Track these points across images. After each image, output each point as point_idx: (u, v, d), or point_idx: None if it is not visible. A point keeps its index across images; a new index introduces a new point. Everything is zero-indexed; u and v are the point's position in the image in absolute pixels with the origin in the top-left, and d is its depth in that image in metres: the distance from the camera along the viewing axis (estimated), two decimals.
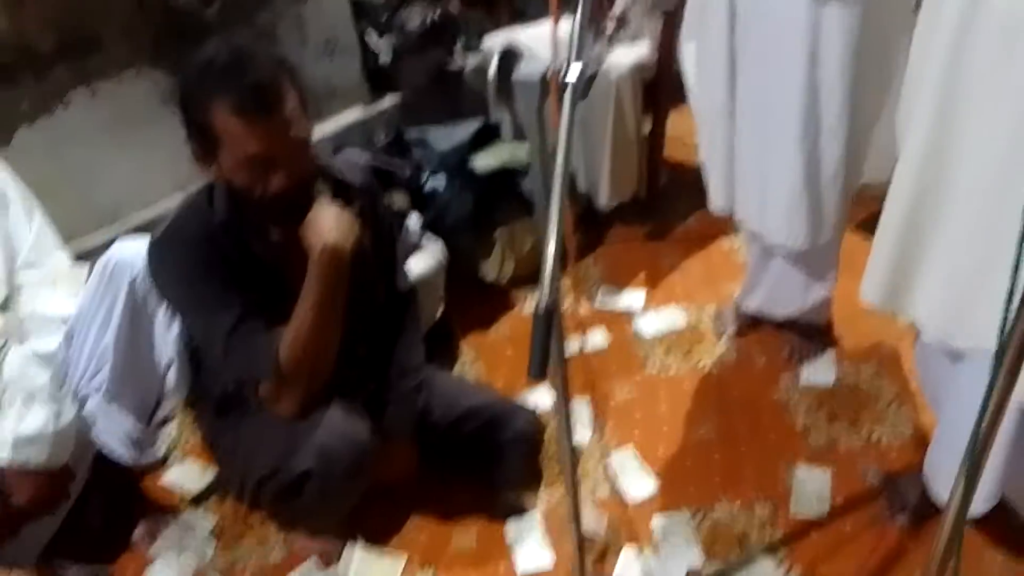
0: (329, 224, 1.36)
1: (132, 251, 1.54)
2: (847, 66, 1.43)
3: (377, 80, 2.67)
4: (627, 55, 2.25)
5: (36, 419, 1.48)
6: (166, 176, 2.18)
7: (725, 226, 2.27)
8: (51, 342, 1.59)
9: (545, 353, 0.90)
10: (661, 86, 2.30)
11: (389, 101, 2.70)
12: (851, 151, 1.53)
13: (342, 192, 1.46)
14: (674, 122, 2.43)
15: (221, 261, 1.39)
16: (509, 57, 0.98)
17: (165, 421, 1.88)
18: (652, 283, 2.30)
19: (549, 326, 0.89)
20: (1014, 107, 1.00)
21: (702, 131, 1.76)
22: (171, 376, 1.66)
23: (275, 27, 2.39)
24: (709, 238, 2.41)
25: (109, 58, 2.08)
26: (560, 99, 0.86)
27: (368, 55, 2.65)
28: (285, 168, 1.31)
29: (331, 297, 1.39)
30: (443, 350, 2.12)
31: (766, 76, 1.51)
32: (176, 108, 1.33)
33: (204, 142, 1.31)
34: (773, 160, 1.58)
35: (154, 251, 1.43)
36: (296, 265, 1.39)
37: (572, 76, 0.87)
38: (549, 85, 0.92)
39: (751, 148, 1.62)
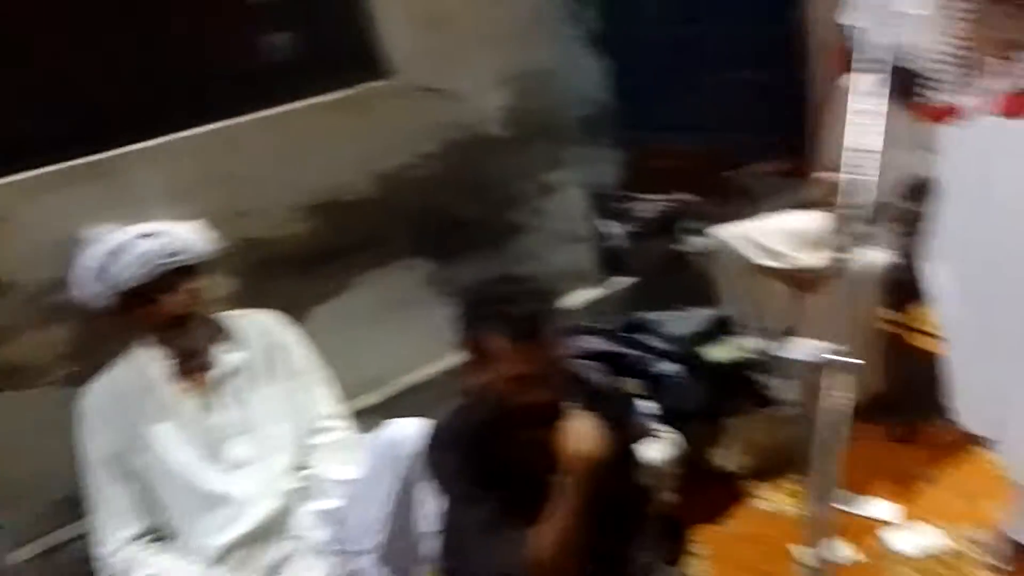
0: (584, 435, 1.47)
1: (407, 431, 1.74)
2: None
3: (610, 263, 2.85)
4: (866, 256, 2.23)
5: (318, 573, 1.72)
6: (421, 350, 2.44)
7: None
8: (333, 502, 1.83)
9: None
10: (902, 284, 2.24)
11: (620, 284, 2.85)
12: None
13: (593, 400, 1.57)
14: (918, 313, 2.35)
15: (480, 460, 1.53)
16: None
17: None
18: (898, 492, 2.16)
19: None
20: None
21: (953, 350, 1.68)
22: (426, 547, 1.81)
23: (521, 219, 2.67)
24: (960, 445, 2.20)
25: (384, 252, 2.44)
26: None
27: (602, 240, 2.85)
28: (544, 384, 1.46)
29: (582, 504, 1.47)
30: (672, 543, 2.10)
31: None
32: (434, 294, 1.53)
33: (477, 358, 1.50)
34: None
35: (434, 441, 1.62)
36: (544, 468, 1.50)
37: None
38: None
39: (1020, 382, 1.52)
